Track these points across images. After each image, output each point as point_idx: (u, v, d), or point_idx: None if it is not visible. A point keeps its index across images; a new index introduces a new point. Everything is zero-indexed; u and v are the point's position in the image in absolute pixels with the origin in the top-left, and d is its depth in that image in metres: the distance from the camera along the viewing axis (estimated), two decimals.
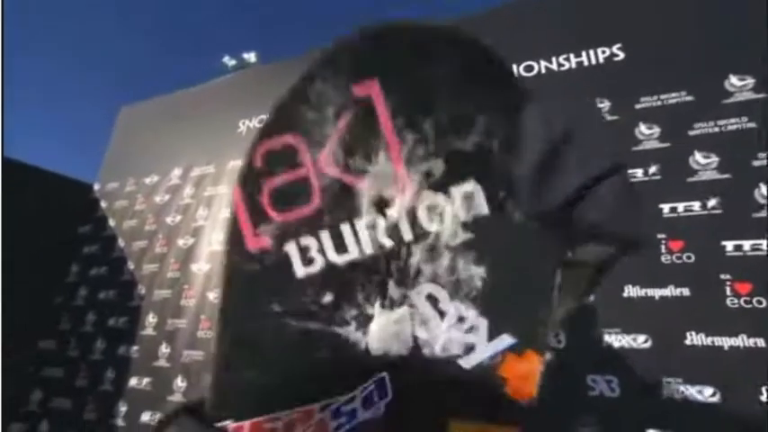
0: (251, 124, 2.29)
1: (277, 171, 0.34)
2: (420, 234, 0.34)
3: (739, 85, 1.32)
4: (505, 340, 0.33)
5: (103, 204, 2.54)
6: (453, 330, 0.33)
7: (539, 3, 1.77)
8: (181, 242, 2.14)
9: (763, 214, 1.15)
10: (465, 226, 0.34)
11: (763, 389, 1.00)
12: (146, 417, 1.78)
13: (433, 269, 0.34)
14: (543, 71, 1.64)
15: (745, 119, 1.27)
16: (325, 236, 0.33)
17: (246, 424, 0.33)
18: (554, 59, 1.63)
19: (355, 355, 0.32)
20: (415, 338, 0.34)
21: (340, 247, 0.33)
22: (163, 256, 2.15)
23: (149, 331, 1.97)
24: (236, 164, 2.21)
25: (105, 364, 2.00)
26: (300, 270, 0.34)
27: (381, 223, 0.34)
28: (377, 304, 0.34)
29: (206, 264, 2.02)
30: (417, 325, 0.33)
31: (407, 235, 0.34)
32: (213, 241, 2.06)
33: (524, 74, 1.67)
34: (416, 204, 0.33)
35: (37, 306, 2.26)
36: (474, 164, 0.32)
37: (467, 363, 0.33)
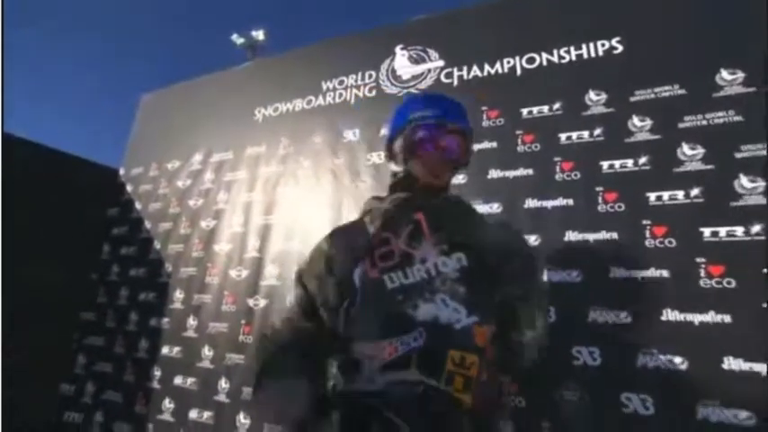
0: (266, 112, 2.41)
1: (382, 247, 0.79)
2: (438, 273, 0.74)
3: (729, 79, 1.38)
4: (473, 318, 0.71)
5: (129, 188, 2.72)
6: (452, 312, 0.71)
7: None
8: (203, 224, 2.30)
9: (740, 203, 1.25)
10: (457, 270, 0.74)
11: (724, 358, 1.14)
12: (178, 380, 1.99)
13: (444, 287, 0.73)
14: (545, 63, 1.72)
15: (732, 112, 1.34)
16: (400, 273, 0.75)
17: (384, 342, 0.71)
18: (555, 52, 1.70)
19: (412, 319, 0.71)
20: (436, 315, 0.71)
21: (405, 277, 0.75)
22: (187, 236, 2.32)
23: (177, 305, 2.16)
24: (252, 150, 2.35)
25: (139, 334, 2.21)
26: (390, 285, 0.75)
27: (423, 268, 0.75)
28: (420, 300, 0.72)
29: (227, 244, 2.19)
30: (437, 309, 0.71)
31: (433, 273, 0.74)
32: (234, 223, 2.22)
33: (526, 66, 1.75)
34: (437, 261, 0.75)
35: (76, 281, 2.47)
36: (460, 246, 0.76)
37: (457, 326, 0.71)
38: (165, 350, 2.10)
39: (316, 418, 0.72)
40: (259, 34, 14.75)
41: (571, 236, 1.43)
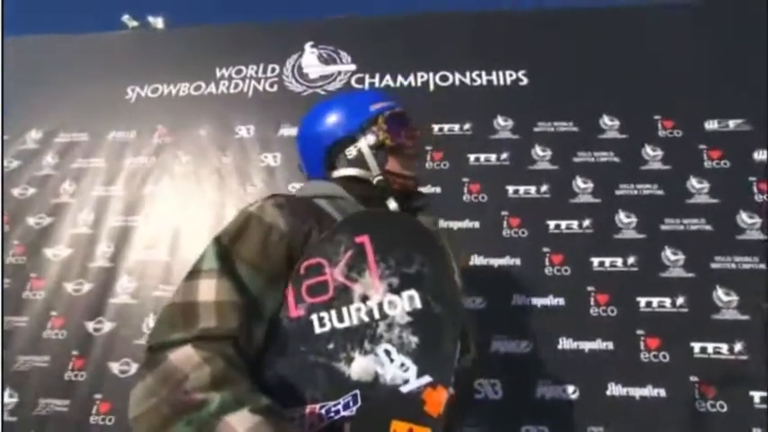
0: (142, 93, 1.97)
1: (311, 276, 0.61)
2: (384, 316, 0.57)
3: (609, 124, 1.55)
4: (426, 379, 0.54)
5: None
6: (397, 370, 0.54)
7: (459, 18, 1.86)
8: (32, 221, 1.74)
9: (620, 236, 1.37)
10: (408, 314, 0.57)
11: (608, 384, 1.20)
12: None
13: (389, 336, 0.56)
14: (457, 83, 1.72)
15: (612, 153, 1.50)
16: (334, 313, 0.58)
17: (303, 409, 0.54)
18: (467, 74, 1.71)
19: (342, 377, 0.55)
20: (377, 373, 0.55)
21: (340, 319, 0.58)
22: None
23: None
24: (118, 135, 1.89)
25: None
26: (318, 329, 0.58)
27: (363, 308, 0.58)
28: (357, 352, 0.56)
29: (66, 248, 1.68)
30: (378, 365, 0.55)
31: (377, 316, 0.57)
32: (79, 222, 1.72)
33: (440, 83, 1.73)
34: (383, 300, 0.58)
35: None
36: (414, 280, 0.58)
37: (404, 389, 0.53)
38: None
39: None
40: (158, 22, 12.96)
41: (476, 260, 1.39)
